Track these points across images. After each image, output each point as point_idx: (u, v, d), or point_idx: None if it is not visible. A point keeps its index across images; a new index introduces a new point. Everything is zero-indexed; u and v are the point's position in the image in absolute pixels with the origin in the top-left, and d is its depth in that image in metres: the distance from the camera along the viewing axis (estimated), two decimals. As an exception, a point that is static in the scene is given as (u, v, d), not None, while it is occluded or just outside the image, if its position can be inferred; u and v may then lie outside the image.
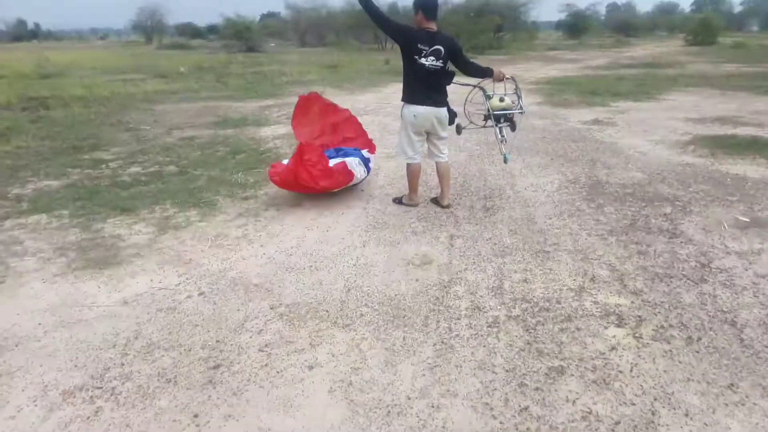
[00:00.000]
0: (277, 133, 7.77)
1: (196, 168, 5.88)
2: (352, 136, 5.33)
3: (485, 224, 4.06)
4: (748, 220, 4.02)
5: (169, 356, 2.47)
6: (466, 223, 4.10)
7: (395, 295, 3.02)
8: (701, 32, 34.91)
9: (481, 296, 2.99)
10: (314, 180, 4.25)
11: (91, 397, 2.20)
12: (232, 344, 2.57)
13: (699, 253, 3.50)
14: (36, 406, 2.16)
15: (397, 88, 14.06)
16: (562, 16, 51.08)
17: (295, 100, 5.75)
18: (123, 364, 2.41)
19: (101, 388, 2.26)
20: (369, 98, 11.61)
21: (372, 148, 5.28)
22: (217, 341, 2.59)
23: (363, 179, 4.88)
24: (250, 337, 2.63)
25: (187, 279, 3.24)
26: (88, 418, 2.08)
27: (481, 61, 4.79)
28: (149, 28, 53.09)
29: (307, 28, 41.25)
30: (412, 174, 4.44)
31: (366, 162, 4.90)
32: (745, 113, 8.64)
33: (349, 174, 4.55)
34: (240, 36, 33.70)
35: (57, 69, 18.67)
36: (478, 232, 3.92)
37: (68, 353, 2.50)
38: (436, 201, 4.55)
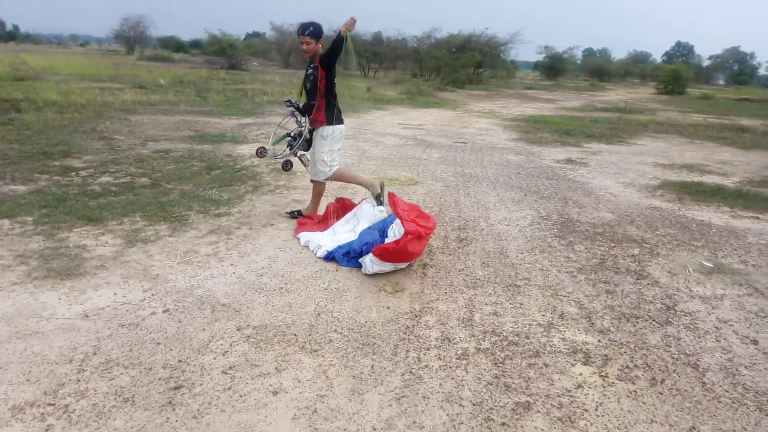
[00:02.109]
0: (255, 151, 7.72)
1: (170, 181, 5.78)
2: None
3: (458, 255, 4.08)
4: (712, 265, 4.14)
5: (128, 374, 2.38)
6: (440, 253, 4.11)
7: (365, 322, 2.99)
8: (671, 82, 36.42)
9: (451, 327, 2.98)
10: (422, 227, 3.64)
11: (42, 414, 2.09)
12: (194, 365, 2.49)
13: (665, 295, 3.57)
14: (-19, 421, 2.04)
15: (377, 115, 14.24)
16: (541, 57, 52.77)
17: (275, 120, 5.77)
18: (79, 381, 2.31)
19: (54, 405, 2.15)
20: (349, 123, 11.65)
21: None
22: (180, 361, 2.51)
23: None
24: (214, 359, 2.55)
25: (152, 295, 3.15)
26: (37, 436, 1.98)
27: (461, 95, 4.91)
28: (131, 39, 52.62)
29: (291, 49, 41.52)
30: (323, 188, 4.69)
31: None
32: (711, 162, 8.99)
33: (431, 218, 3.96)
34: (223, 53, 33.70)
35: (33, 72, 18.31)
36: (451, 262, 3.93)
37: (21, 366, 2.38)
38: (299, 214, 4.72)
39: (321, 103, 4.24)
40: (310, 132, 4.37)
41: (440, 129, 11.70)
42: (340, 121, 4.41)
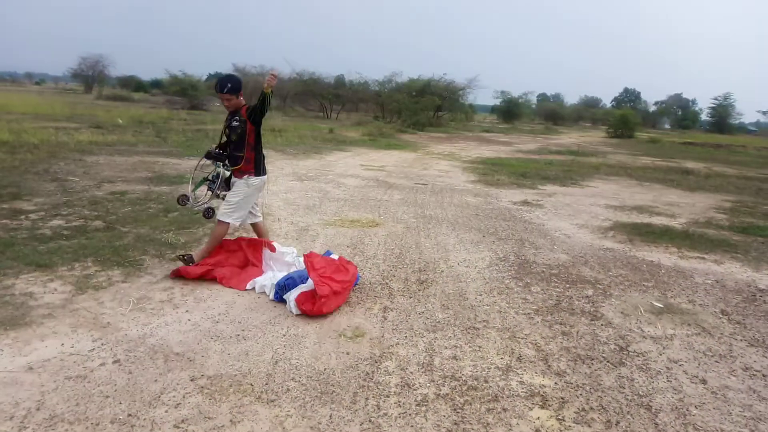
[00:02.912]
0: (176, 200, 7.63)
1: (125, 224, 5.64)
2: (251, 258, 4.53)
3: (419, 297, 4.10)
4: (662, 306, 4.29)
5: (73, 431, 2.26)
6: (401, 295, 4.13)
7: (324, 369, 2.95)
8: (621, 126, 38.29)
9: (411, 373, 2.97)
10: (339, 282, 3.77)
11: (-25, 478, 1.96)
12: (145, 419, 2.39)
13: (618, 336, 3.67)
14: None
15: (339, 156, 14.38)
16: (497, 101, 54.77)
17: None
18: (19, 441, 2.18)
19: (-12, 468, 2.02)
20: (311, 164, 11.75)
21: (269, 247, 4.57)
22: (129, 415, 2.41)
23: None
24: (166, 412, 2.46)
25: (102, 344, 3.03)
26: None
27: (421, 137, 5.05)
28: (90, 78, 51.92)
29: (254, 91, 41.83)
30: (224, 232, 4.50)
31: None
32: (659, 204, 9.42)
33: (352, 264, 4.12)
34: (185, 93, 33.59)
35: (-17, 110, 17.76)
36: (412, 305, 3.95)
37: (-46, 426, 2.24)
38: (189, 258, 4.32)
39: (250, 155, 4.31)
40: (228, 174, 4.39)
41: (401, 170, 11.89)
42: (265, 171, 4.48)
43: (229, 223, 4.39)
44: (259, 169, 4.38)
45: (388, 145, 18.62)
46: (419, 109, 31.79)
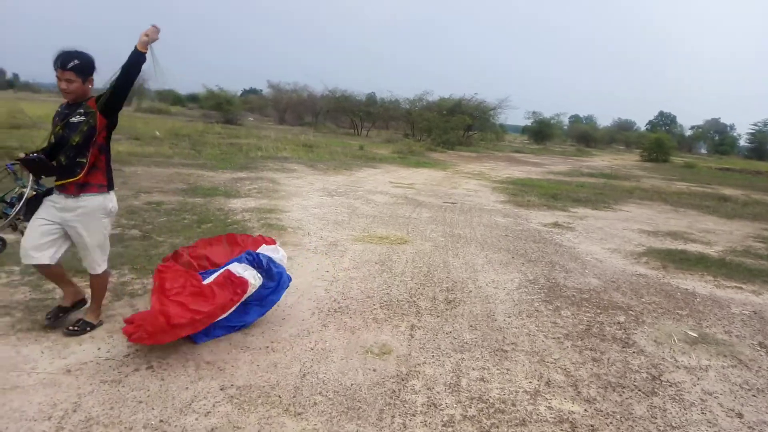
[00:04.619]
0: (247, 206, 7.80)
1: (160, 234, 5.80)
2: (233, 250, 3.91)
3: (446, 317, 4.09)
4: (696, 335, 4.18)
5: (107, 434, 2.33)
6: (428, 314, 4.12)
7: (351, 385, 2.97)
8: (656, 150, 37.56)
9: (437, 392, 2.96)
10: (191, 311, 3.02)
11: (15, 475, 2.04)
12: (176, 425, 2.44)
13: (650, 364, 3.59)
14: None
15: (369, 173, 14.43)
16: (528, 122, 54.48)
17: (269, 175, 5.85)
18: (55, 441, 2.26)
19: (27, 465, 2.09)
20: (341, 180, 11.87)
21: (268, 241, 4.03)
22: (161, 421, 2.47)
23: (264, 286, 3.56)
24: (196, 419, 2.51)
25: (137, 351, 3.11)
26: (8, 499, 1.92)
27: (451, 156, 5.00)
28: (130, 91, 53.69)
29: (287, 107, 42.60)
30: (107, 279, 3.56)
31: (257, 261, 3.62)
32: (694, 230, 9.19)
33: (241, 282, 3.34)
34: (220, 107, 34.46)
35: (29, 120, 18.54)
36: (439, 324, 3.94)
37: (-3, 423, 2.33)
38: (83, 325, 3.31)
39: (100, 162, 3.15)
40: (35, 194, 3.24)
41: (430, 189, 11.91)
42: (114, 186, 3.34)
43: (109, 272, 3.48)
44: (111, 182, 3.28)
45: (418, 163, 18.69)
46: (449, 127, 31.85)
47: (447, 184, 13.38)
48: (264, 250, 3.83)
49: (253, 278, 3.46)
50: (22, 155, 3.08)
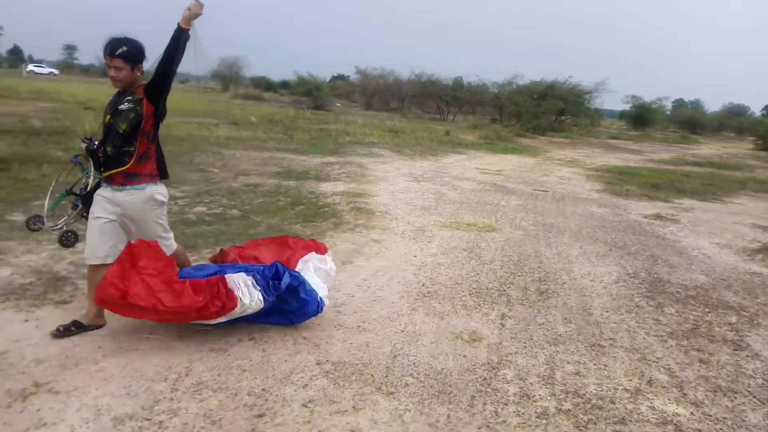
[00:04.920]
0: (337, 190, 8.00)
1: (258, 214, 6.10)
2: (283, 252, 3.66)
3: (538, 308, 3.98)
4: (822, 341, 3.77)
5: (216, 398, 2.50)
6: (519, 304, 4.03)
7: (442, 369, 2.98)
8: (772, 137, 34.01)
9: (530, 383, 2.90)
10: (156, 299, 2.76)
11: (140, 427, 2.24)
12: (277, 395, 2.58)
13: (767, 370, 3.29)
14: (88, 428, 2.22)
15: (455, 159, 14.24)
16: (627, 106, 51.16)
17: (357, 159, 5.94)
18: (172, 399, 2.46)
19: (150, 419, 2.30)
20: (427, 165, 11.84)
21: (320, 248, 3.73)
22: (263, 389, 2.61)
23: (264, 310, 3.08)
24: (295, 391, 2.63)
25: (239, 322, 3.31)
26: (134, 449, 2.12)
27: (541, 142, 4.77)
28: (227, 78, 56.63)
29: (374, 92, 43.08)
30: (184, 252, 3.56)
31: (271, 281, 3.11)
32: (819, 227, 8.26)
33: (229, 298, 2.91)
34: (310, 93, 35.49)
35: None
36: (531, 315, 3.84)
37: (122, 380, 2.57)
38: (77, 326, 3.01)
39: (147, 150, 3.02)
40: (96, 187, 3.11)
41: (520, 176, 11.59)
42: (168, 176, 3.25)
43: (178, 245, 3.35)
44: (164, 170, 3.18)
45: (506, 149, 18.23)
46: (540, 112, 30.73)
47: (537, 171, 12.94)
48: (312, 258, 3.55)
49: (249, 299, 2.97)
50: (87, 142, 3.07)
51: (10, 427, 2.19)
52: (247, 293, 2.99)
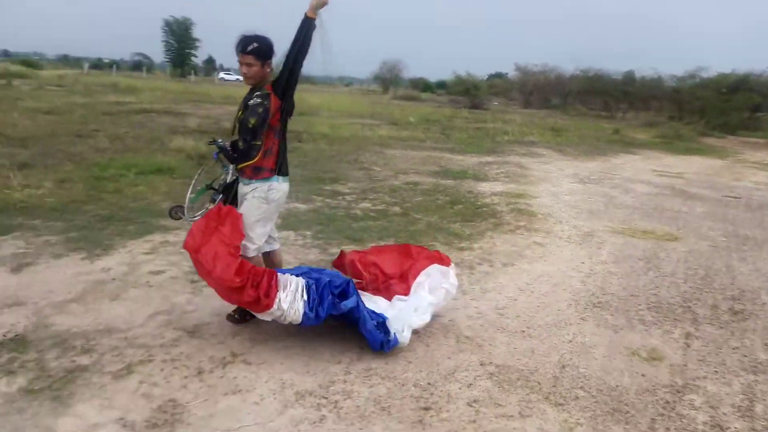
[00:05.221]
0: (495, 190, 7.87)
1: (417, 212, 6.24)
2: (404, 262, 3.49)
3: (732, 330, 3.50)
4: None
5: (384, 385, 2.62)
6: (708, 324, 3.59)
7: (616, 386, 2.77)
8: None
9: (724, 414, 2.57)
10: (214, 262, 2.73)
11: (318, 404, 2.43)
12: (441, 390, 2.61)
13: None
14: (274, 398, 2.46)
15: (626, 160, 13.18)
16: None
17: (516, 159, 5.77)
18: (345, 381, 2.63)
19: (326, 398, 2.48)
20: (593, 166, 11.10)
21: (444, 259, 3.50)
22: (428, 383, 2.67)
23: (304, 322, 2.81)
24: (459, 389, 2.64)
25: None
26: (314, 422, 2.30)
27: (731, 142, 4.14)
28: (387, 80, 58.90)
29: (533, 89, 41.51)
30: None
31: (337, 297, 2.85)
32: None
33: (265, 293, 2.73)
34: (467, 92, 35.35)
35: (311, 109, 21.83)
36: (723, 337, 3.39)
37: (303, 359, 2.81)
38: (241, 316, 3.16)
39: (273, 145, 3.01)
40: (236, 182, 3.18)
41: (705, 180, 10.31)
42: (287, 171, 3.13)
43: (258, 260, 3.11)
44: (282, 167, 3.06)
45: (688, 149, 16.33)
46: (729, 108, 26.96)
47: (727, 174, 11.39)
48: (434, 271, 3.33)
49: (288, 306, 2.74)
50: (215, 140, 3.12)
51: (212, 389, 2.52)
52: (289, 299, 2.76)
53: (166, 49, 58.94)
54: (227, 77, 55.32)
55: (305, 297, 2.78)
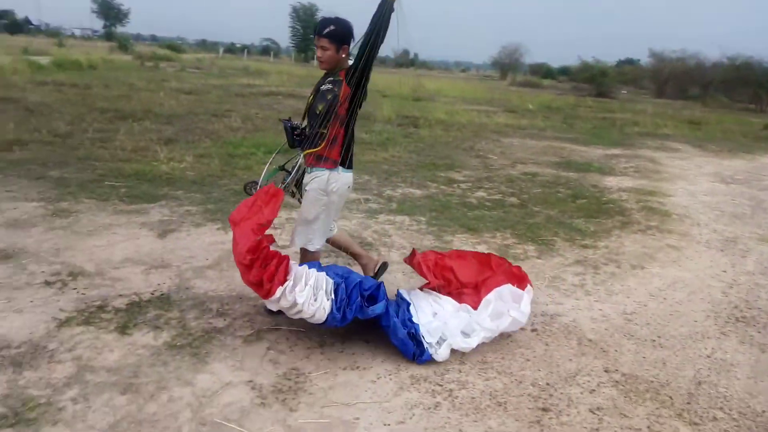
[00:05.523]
0: (623, 185, 7.34)
1: (536, 204, 6.00)
2: (482, 272, 3.20)
3: None
4: None
5: (500, 380, 2.56)
6: None
7: (763, 412, 2.47)
8: None
9: None
10: (239, 238, 2.62)
11: (433, 390, 2.44)
12: (561, 393, 2.50)
13: None
14: (390, 379, 2.51)
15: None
16: None
17: (647, 153, 5.31)
18: (460, 372, 2.61)
19: (441, 386, 2.48)
20: (738, 165, 9.95)
21: (523, 278, 3.13)
22: (547, 384, 2.57)
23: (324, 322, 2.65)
24: (581, 393, 2.51)
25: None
26: (429, 408, 2.31)
27: None
28: (506, 65, 57.11)
29: (668, 78, 37.96)
30: (318, 257, 3.18)
31: (365, 300, 2.71)
32: None
33: (272, 278, 2.57)
34: (592, 80, 33.23)
35: (427, 94, 21.81)
36: None
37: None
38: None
39: (338, 133, 2.85)
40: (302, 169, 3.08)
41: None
42: (351, 166, 2.96)
43: (317, 255, 3.07)
44: (346, 158, 2.89)
45: None
46: None
47: None
48: (506, 293, 2.99)
49: (305, 301, 2.57)
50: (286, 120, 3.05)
51: (332, 362, 2.62)
52: (306, 294, 2.59)
53: (292, 35, 61.66)
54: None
55: (332, 296, 2.65)
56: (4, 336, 2.61)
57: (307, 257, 3.03)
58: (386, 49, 2.80)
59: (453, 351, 2.71)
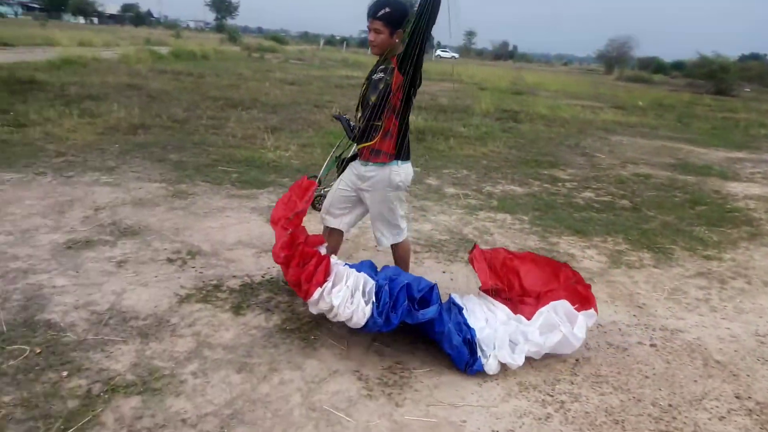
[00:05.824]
0: (750, 192, 6.65)
1: (650, 208, 5.59)
2: (549, 282, 2.91)
3: None
4: None
5: (617, 396, 2.39)
6: None
7: None
8: None
9: None
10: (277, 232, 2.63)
11: (543, 400, 2.33)
12: (686, 416, 2.29)
13: None
14: (497, 384, 2.42)
15: None
16: None
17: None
18: (572, 383, 2.46)
19: (552, 396, 2.36)
20: None
21: (589, 300, 2.75)
22: (669, 405, 2.36)
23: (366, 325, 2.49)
24: (709, 419, 2.29)
25: (638, 323, 3.09)
26: (539, 419, 2.21)
27: None
28: (612, 59, 53.95)
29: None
30: (409, 252, 3.12)
31: (415, 303, 2.50)
32: None
33: (310, 278, 2.49)
34: (711, 76, 30.44)
35: (527, 88, 21.08)
36: None
37: (526, 349, 2.71)
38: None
39: (392, 126, 2.68)
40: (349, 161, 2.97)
41: None
42: (409, 157, 2.82)
43: (407, 243, 3.05)
44: (401, 150, 2.73)
45: None
46: None
47: None
48: (559, 309, 2.67)
49: (341, 302, 2.43)
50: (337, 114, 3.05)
51: (439, 360, 2.57)
52: (343, 295, 2.46)
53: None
54: (444, 55, 56.42)
55: (374, 299, 2.48)
56: (133, 307, 2.82)
57: (398, 251, 3.02)
58: (439, 34, 2.60)
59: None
